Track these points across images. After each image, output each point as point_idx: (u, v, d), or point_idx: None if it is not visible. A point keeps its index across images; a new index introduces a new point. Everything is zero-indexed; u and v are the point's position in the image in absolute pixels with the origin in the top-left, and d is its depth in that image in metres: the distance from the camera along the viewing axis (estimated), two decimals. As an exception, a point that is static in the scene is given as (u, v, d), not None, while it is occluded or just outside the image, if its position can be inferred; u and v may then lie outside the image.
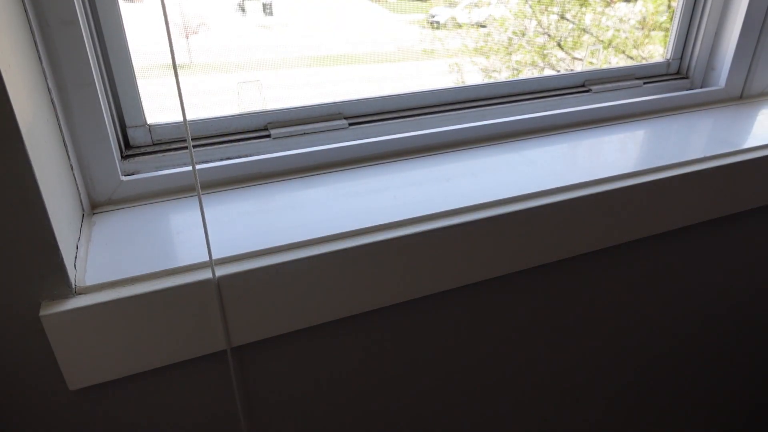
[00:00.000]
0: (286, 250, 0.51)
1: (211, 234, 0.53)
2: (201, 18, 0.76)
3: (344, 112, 0.70)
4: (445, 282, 0.58)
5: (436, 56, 1.42)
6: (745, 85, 0.87)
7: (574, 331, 0.74)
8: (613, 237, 0.65)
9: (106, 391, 0.50)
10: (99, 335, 0.46)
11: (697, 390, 0.96)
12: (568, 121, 0.78)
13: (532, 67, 2.17)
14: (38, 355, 0.46)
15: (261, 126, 0.67)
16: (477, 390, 0.72)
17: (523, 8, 2.14)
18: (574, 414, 0.84)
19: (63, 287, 0.44)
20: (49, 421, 0.50)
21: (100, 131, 0.54)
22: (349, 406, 0.64)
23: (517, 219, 0.58)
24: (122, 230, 0.53)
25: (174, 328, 0.48)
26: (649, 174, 0.65)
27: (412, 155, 0.69)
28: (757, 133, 0.76)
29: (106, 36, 0.55)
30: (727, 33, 0.83)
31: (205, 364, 0.53)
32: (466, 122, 0.75)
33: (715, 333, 0.89)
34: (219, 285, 0.48)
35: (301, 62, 0.92)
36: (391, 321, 0.60)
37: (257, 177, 0.63)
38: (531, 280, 0.66)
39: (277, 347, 0.56)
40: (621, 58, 1.98)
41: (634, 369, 0.85)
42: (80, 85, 0.51)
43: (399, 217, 0.55)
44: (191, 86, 0.76)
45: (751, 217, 0.79)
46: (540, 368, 0.75)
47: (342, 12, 1.00)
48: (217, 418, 0.57)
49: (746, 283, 0.86)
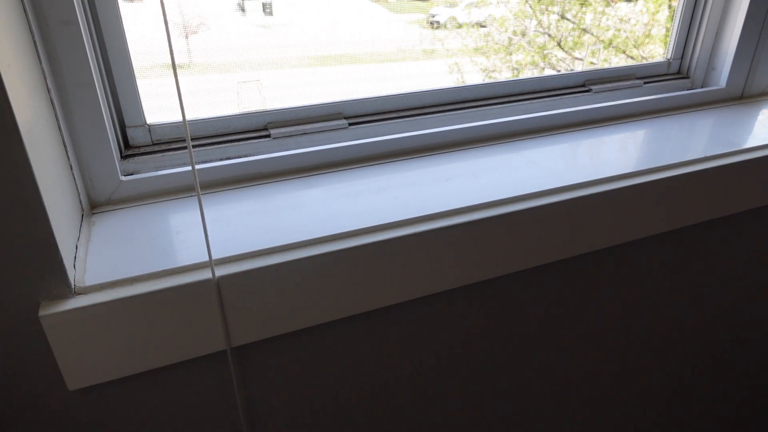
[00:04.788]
0: (286, 250, 0.51)
1: (210, 234, 0.53)
2: (201, 18, 0.76)
3: (344, 112, 0.70)
4: (446, 282, 0.58)
5: (436, 56, 1.42)
6: (746, 85, 0.87)
7: (574, 331, 0.74)
8: (613, 237, 0.65)
9: (106, 391, 0.50)
10: (98, 335, 0.46)
11: (697, 390, 0.96)
12: (568, 121, 0.78)
13: (533, 67, 2.17)
14: (37, 356, 0.46)
15: (261, 126, 0.67)
16: (477, 390, 0.72)
17: (523, 8, 2.14)
18: (574, 414, 0.84)
19: (62, 287, 0.44)
20: (48, 421, 0.50)
21: (100, 131, 0.54)
22: (349, 406, 0.64)
23: (517, 219, 0.58)
24: (122, 230, 0.53)
25: (174, 328, 0.48)
26: (649, 174, 0.65)
27: (412, 155, 0.69)
28: (758, 133, 0.76)
29: (106, 36, 0.55)
30: (727, 32, 0.83)
31: (205, 364, 0.53)
32: (466, 122, 0.75)
33: (715, 333, 0.89)
34: (219, 285, 0.48)
35: (301, 62, 0.91)
36: (391, 321, 0.60)
37: (257, 177, 0.63)
38: (531, 280, 0.66)
39: (277, 347, 0.56)
40: (621, 57, 1.98)
41: (633, 369, 0.84)
42: (80, 84, 0.51)
43: (399, 217, 0.55)
44: (191, 86, 0.76)
45: (752, 217, 0.79)
46: (540, 369, 0.75)
47: (342, 12, 1.00)
48: (217, 418, 0.57)
49: (747, 284, 0.86)
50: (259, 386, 0.57)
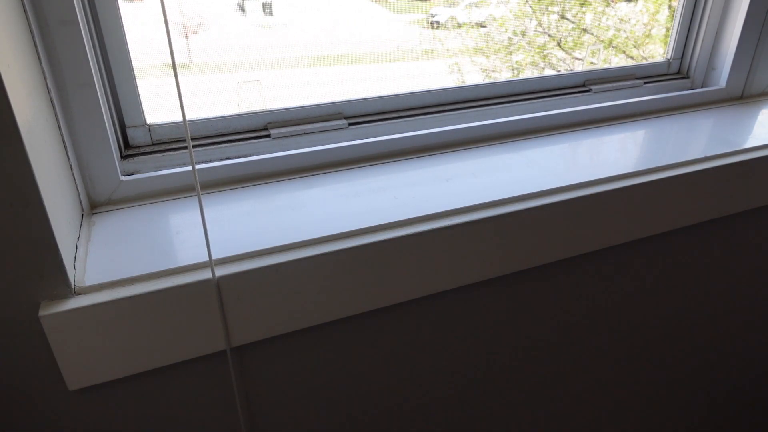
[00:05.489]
0: (286, 250, 0.51)
1: (210, 234, 0.53)
2: (201, 18, 0.76)
3: (344, 112, 0.70)
4: (445, 282, 0.58)
5: (436, 56, 1.42)
6: (746, 85, 0.87)
7: (574, 331, 0.74)
8: (614, 237, 0.65)
9: (106, 391, 0.50)
10: (98, 335, 0.46)
11: (698, 389, 0.96)
12: (568, 121, 0.78)
13: (533, 67, 2.17)
14: (37, 356, 0.46)
15: (261, 126, 0.67)
16: (478, 390, 0.72)
17: (523, 8, 2.14)
18: (573, 414, 0.84)
19: (62, 287, 0.44)
20: (48, 421, 0.50)
21: (100, 131, 0.54)
22: (349, 406, 0.64)
23: (517, 219, 0.58)
24: (122, 230, 0.53)
25: (174, 328, 0.48)
26: (649, 174, 0.65)
27: (412, 155, 0.69)
28: (758, 133, 0.76)
29: (106, 36, 0.55)
30: (727, 32, 0.83)
31: (205, 364, 0.53)
32: (466, 122, 0.75)
33: (715, 333, 0.89)
34: (219, 285, 0.48)
35: (301, 62, 0.91)
36: (391, 321, 0.60)
37: (257, 177, 0.63)
38: (531, 280, 0.66)
39: (277, 347, 0.56)
40: (621, 57, 1.98)
41: (634, 369, 0.84)
42: (80, 85, 0.51)
43: (399, 217, 0.55)
44: (191, 86, 0.75)
45: (752, 217, 0.79)
46: (540, 368, 0.75)
47: (342, 12, 1.00)
48: (217, 418, 0.57)
49: (747, 284, 0.86)
50: (259, 386, 0.57)
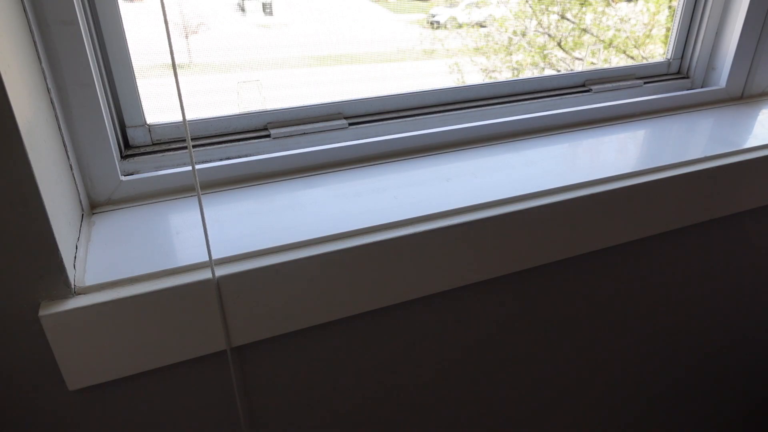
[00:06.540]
0: (286, 250, 0.51)
1: (210, 234, 0.53)
2: (201, 18, 0.76)
3: (344, 112, 0.70)
4: (445, 282, 0.58)
5: (436, 56, 1.42)
6: (746, 85, 0.87)
7: (573, 331, 0.74)
8: (613, 237, 0.65)
9: (106, 391, 0.50)
10: (98, 335, 0.46)
11: (698, 389, 0.96)
12: (568, 121, 0.78)
13: (533, 67, 2.17)
14: (37, 356, 0.46)
15: (261, 126, 0.67)
16: (479, 391, 0.72)
17: (523, 8, 2.14)
18: (573, 414, 0.84)
19: (62, 287, 0.44)
20: (48, 421, 0.50)
21: (100, 131, 0.54)
22: (349, 407, 0.64)
23: (518, 219, 0.58)
24: (122, 230, 0.53)
25: (174, 328, 0.48)
26: (649, 174, 0.65)
27: (412, 155, 0.69)
28: (758, 133, 0.76)
29: (106, 36, 0.55)
30: (727, 32, 0.83)
31: (205, 364, 0.53)
32: (466, 122, 0.75)
33: (715, 332, 0.89)
34: (219, 285, 0.48)
35: (301, 62, 0.91)
36: (391, 321, 0.60)
37: (257, 177, 0.63)
38: (531, 280, 0.66)
39: (277, 347, 0.56)
40: (621, 57, 1.98)
41: (633, 368, 0.84)
42: (80, 85, 0.51)
43: (399, 217, 0.55)
44: (191, 86, 0.75)
45: (752, 217, 0.79)
46: (540, 368, 0.75)
47: (342, 12, 1.00)
48: (217, 418, 0.57)
49: (747, 284, 0.86)
50: (259, 386, 0.57)
